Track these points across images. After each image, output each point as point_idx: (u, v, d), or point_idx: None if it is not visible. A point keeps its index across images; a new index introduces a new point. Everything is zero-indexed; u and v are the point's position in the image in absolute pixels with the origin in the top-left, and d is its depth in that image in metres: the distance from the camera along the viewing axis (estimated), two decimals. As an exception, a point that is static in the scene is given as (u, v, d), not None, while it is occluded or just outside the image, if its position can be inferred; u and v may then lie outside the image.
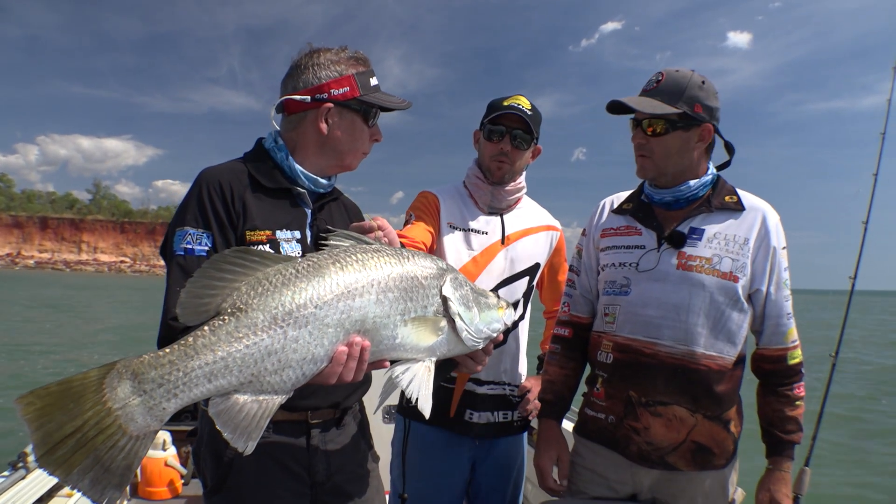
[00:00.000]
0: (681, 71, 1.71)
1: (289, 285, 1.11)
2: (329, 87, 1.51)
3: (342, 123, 1.53)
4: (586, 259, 1.94)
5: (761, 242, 1.69)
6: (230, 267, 1.10)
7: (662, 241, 1.72)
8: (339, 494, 1.55)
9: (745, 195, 1.75)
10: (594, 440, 1.80)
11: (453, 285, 1.29)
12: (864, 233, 2.45)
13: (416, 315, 1.22)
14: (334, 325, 1.13)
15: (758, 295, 1.69)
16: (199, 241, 1.37)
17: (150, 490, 3.69)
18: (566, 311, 1.97)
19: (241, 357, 1.06)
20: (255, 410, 1.08)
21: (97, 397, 1.02)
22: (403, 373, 1.22)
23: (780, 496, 1.67)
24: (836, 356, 2.41)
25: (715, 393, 1.64)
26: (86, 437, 1.01)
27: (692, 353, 1.64)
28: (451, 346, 1.29)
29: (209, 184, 1.42)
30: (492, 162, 2.07)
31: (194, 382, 1.05)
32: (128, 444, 1.04)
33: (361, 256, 1.20)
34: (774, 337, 1.71)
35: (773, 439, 1.72)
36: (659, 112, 1.66)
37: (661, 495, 1.72)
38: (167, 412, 1.06)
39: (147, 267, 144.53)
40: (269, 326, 1.08)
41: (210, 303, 1.09)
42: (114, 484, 1.03)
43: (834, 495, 6.78)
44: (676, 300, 1.66)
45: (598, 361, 1.81)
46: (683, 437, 1.64)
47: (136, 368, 1.04)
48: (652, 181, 1.79)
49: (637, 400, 1.68)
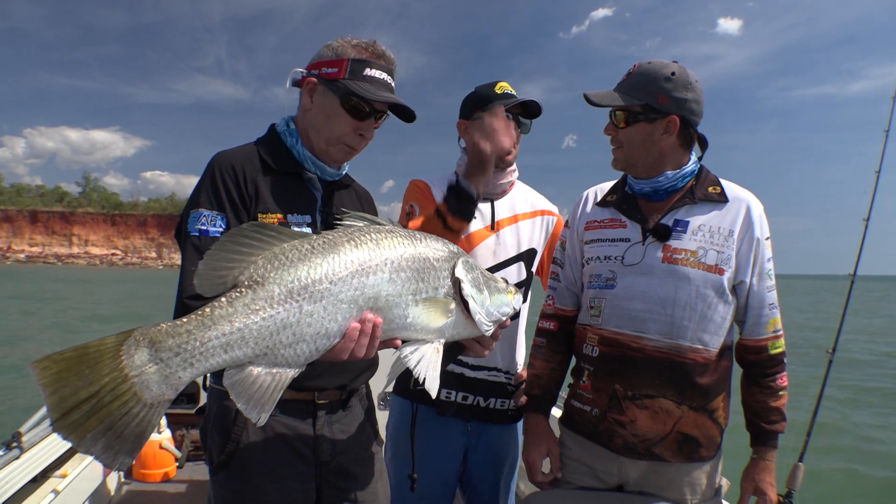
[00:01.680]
0: (653, 62, 1.70)
1: (305, 260, 1.12)
2: (322, 65, 1.51)
3: (322, 102, 1.52)
4: (570, 251, 1.92)
5: (745, 234, 1.68)
6: (247, 241, 1.12)
7: (647, 233, 1.71)
8: (343, 475, 1.58)
9: (728, 185, 1.75)
10: (579, 432, 1.80)
11: (465, 268, 1.31)
12: (864, 229, 2.46)
13: (428, 296, 1.24)
14: (348, 301, 1.15)
15: (741, 286, 1.70)
16: (214, 222, 1.39)
17: (145, 472, 3.71)
18: (551, 304, 1.96)
19: (258, 329, 1.08)
20: (268, 382, 1.10)
21: (114, 364, 1.02)
22: (412, 353, 1.24)
23: (764, 485, 1.69)
24: (834, 352, 2.42)
25: (701, 385, 1.65)
26: (101, 402, 1.01)
27: (678, 347, 1.64)
28: (460, 329, 1.31)
29: (222, 167, 1.43)
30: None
31: (210, 352, 1.06)
32: (142, 411, 1.04)
33: (376, 236, 1.21)
34: (756, 328, 1.72)
35: (757, 429, 1.73)
36: (616, 104, 1.68)
37: (648, 487, 1.72)
38: (182, 381, 1.06)
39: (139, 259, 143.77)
40: (285, 300, 1.09)
41: (227, 275, 1.10)
42: (126, 450, 1.04)
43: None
44: (662, 294, 1.66)
45: (584, 354, 1.80)
46: (669, 428, 1.65)
47: (153, 336, 1.05)
48: (626, 172, 1.80)
49: (623, 393, 1.68)
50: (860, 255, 2.44)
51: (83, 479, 2.94)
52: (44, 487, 2.65)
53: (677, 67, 1.69)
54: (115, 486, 3.54)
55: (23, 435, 2.60)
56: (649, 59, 1.73)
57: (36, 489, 2.62)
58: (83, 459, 3.00)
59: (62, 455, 2.89)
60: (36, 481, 2.65)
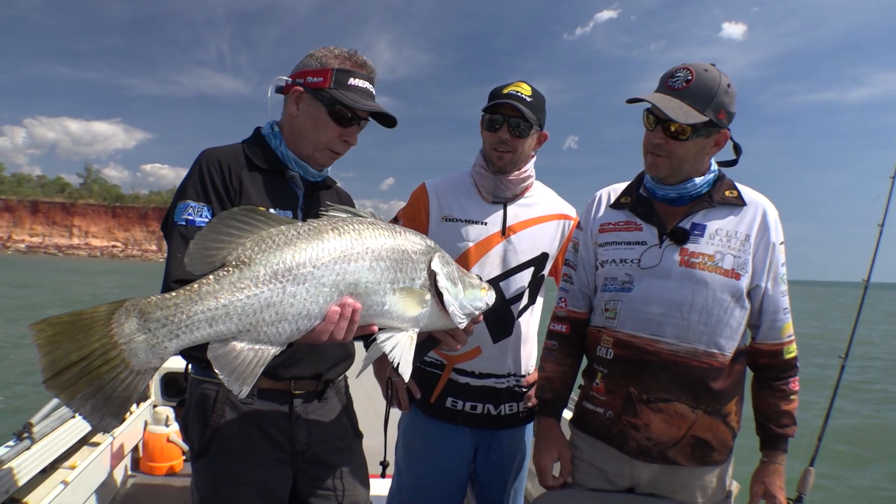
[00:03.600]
0: (710, 71, 1.64)
1: (290, 244, 1.18)
2: (307, 75, 1.60)
3: (309, 110, 1.61)
4: (584, 254, 1.90)
5: (761, 238, 1.68)
6: (237, 224, 1.17)
7: (664, 237, 1.70)
8: (319, 464, 1.63)
9: (745, 190, 1.74)
10: (591, 434, 1.80)
11: (441, 262, 1.39)
12: (879, 235, 2.45)
13: (404, 286, 1.31)
14: (329, 285, 1.20)
15: (756, 291, 1.70)
16: (200, 213, 1.47)
17: (152, 465, 3.73)
18: (563, 307, 1.94)
19: (242, 306, 1.13)
20: (250, 358, 1.15)
21: (105, 330, 1.09)
22: (387, 339, 1.31)
23: (774, 489, 1.69)
24: (846, 357, 2.42)
25: (716, 389, 1.65)
26: (91, 365, 1.08)
27: (695, 351, 1.64)
28: (434, 320, 1.39)
29: (209, 161, 1.53)
30: (492, 151, 2.03)
31: (196, 325, 1.12)
32: (129, 377, 1.11)
33: (358, 226, 1.28)
34: (771, 332, 1.72)
35: (768, 433, 1.73)
36: (692, 121, 1.59)
37: (659, 489, 1.72)
38: (168, 351, 1.12)
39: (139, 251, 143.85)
40: (269, 280, 1.15)
41: (216, 255, 1.16)
42: (112, 412, 1.10)
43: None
44: (679, 298, 1.65)
45: (598, 356, 1.79)
46: (684, 432, 1.65)
47: (143, 307, 1.11)
48: (661, 181, 1.76)
49: (637, 396, 1.67)
50: (874, 261, 2.44)
51: (92, 471, 2.95)
52: (53, 478, 2.67)
53: (727, 77, 1.65)
54: (123, 478, 3.56)
55: (34, 426, 2.61)
56: (705, 66, 1.65)
57: (45, 479, 2.63)
58: (92, 451, 3.01)
59: (72, 447, 2.91)
60: (46, 472, 2.66)
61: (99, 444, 3.13)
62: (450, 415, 2.04)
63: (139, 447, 3.82)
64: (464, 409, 2.03)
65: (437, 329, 1.43)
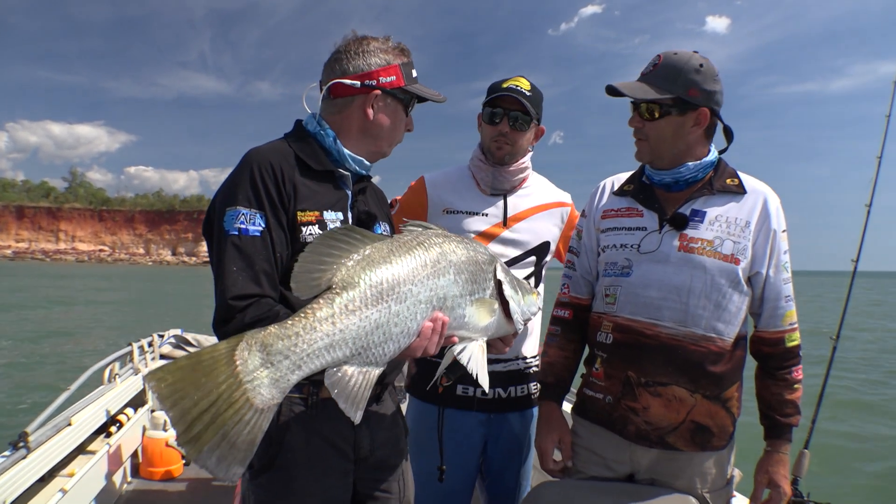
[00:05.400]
0: (679, 54, 1.70)
1: (388, 263, 1.18)
2: (378, 75, 1.55)
3: (386, 110, 1.59)
4: (587, 240, 1.94)
5: (762, 225, 1.70)
6: (338, 244, 1.17)
7: (664, 222, 1.72)
8: (379, 468, 1.60)
9: (746, 178, 1.76)
10: (592, 420, 1.81)
11: (503, 271, 1.42)
12: (867, 215, 2.46)
13: (479, 297, 1.34)
14: (425, 301, 1.22)
15: (757, 277, 1.71)
16: (253, 220, 1.37)
17: (152, 470, 3.71)
18: (566, 293, 1.97)
19: (356, 329, 1.12)
20: (360, 381, 1.14)
21: (229, 370, 1.03)
22: (462, 351, 1.33)
23: (778, 477, 1.70)
24: (837, 339, 2.42)
25: (714, 374, 1.66)
26: (218, 412, 1.01)
27: (692, 335, 1.66)
28: (499, 327, 1.41)
29: (261, 165, 1.42)
30: (492, 143, 2.07)
31: (317, 354, 1.09)
32: (253, 417, 1.05)
33: (437, 240, 1.30)
34: (773, 319, 1.73)
35: (772, 422, 1.74)
36: (650, 97, 1.66)
37: (659, 475, 1.73)
38: (290, 384, 1.09)
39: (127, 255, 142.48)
40: (377, 301, 1.15)
41: (321, 277, 1.14)
42: (238, 459, 1.04)
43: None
44: (678, 282, 1.67)
45: (598, 342, 1.81)
46: (683, 417, 1.66)
47: (264, 340, 1.07)
48: (649, 164, 1.80)
49: (636, 380, 1.69)
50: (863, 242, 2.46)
51: (90, 478, 2.92)
52: (51, 486, 2.64)
53: (703, 59, 1.70)
54: (122, 484, 3.53)
55: (29, 435, 2.58)
56: (675, 51, 1.72)
57: (44, 488, 2.60)
58: (90, 458, 2.98)
59: (69, 454, 2.88)
60: (44, 480, 2.63)
61: (97, 451, 3.10)
62: (463, 402, 2.06)
63: (138, 452, 3.79)
64: (475, 395, 2.06)
65: (500, 335, 1.45)
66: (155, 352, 4.53)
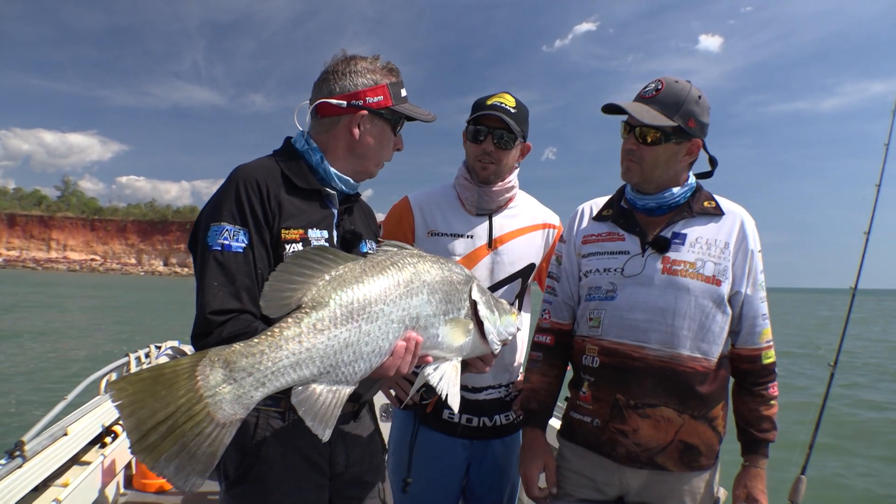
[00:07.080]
0: (680, 82, 1.74)
1: (360, 283, 1.19)
2: (364, 95, 1.56)
3: (373, 131, 1.59)
4: (567, 265, 1.94)
5: (740, 245, 1.74)
6: (309, 263, 1.18)
7: (647, 245, 1.75)
8: (355, 485, 1.61)
9: (722, 200, 1.81)
10: (580, 444, 1.82)
11: (479, 291, 1.42)
12: (865, 243, 2.51)
13: (453, 317, 1.34)
14: (397, 320, 1.23)
15: (737, 297, 1.75)
16: (236, 237, 1.39)
17: (145, 482, 3.69)
18: (547, 318, 1.97)
19: (324, 348, 1.13)
20: (329, 399, 1.15)
21: (190, 384, 1.05)
22: (434, 371, 1.33)
23: (756, 492, 1.72)
24: (835, 365, 2.45)
25: (701, 394, 1.68)
26: (176, 423, 1.03)
27: (679, 356, 1.68)
28: (474, 347, 1.43)
29: (247, 182, 1.43)
30: (476, 163, 2.03)
31: (282, 372, 1.10)
32: (214, 431, 1.07)
33: (411, 260, 1.31)
34: (750, 337, 1.77)
35: (749, 438, 1.77)
36: (657, 123, 1.69)
37: (649, 497, 1.74)
38: (253, 401, 1.10)
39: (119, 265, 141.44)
40: (346, 320, 1.16)
41: (291, 296, 1.15)
42: (198, 471, 1.06)
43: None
44: (663, 304, 1.70)
45: (583, 365, 1.82)
46: (671, 437, 1.68)
47: (227, 357, 1.08)
48: (635, 186, 1.84)
49: (625, 403, 1.70)
50: (861, 268, 2.49)
51: (84, 489, 2.91)
52: (45, 496, 2.62)
53: (698, 90, 1.75)
54: (115, 496, 3.51)
55: (25, 444, 2.57)
56: (676, 78, 1.76)
57: (37, 498, 2.58)
58: (84, 469, 2.97)
59: (64, 464, 2.86)
60: (38, 490, 2.61)
61: (91, 462, 3.09)
62: (447, 427, 2.05)
63: (131, 464, 3.77)
64: (460, 422, 2.04)
65: (475, 355, 1.46)
66: (152, 363, 4.52)
